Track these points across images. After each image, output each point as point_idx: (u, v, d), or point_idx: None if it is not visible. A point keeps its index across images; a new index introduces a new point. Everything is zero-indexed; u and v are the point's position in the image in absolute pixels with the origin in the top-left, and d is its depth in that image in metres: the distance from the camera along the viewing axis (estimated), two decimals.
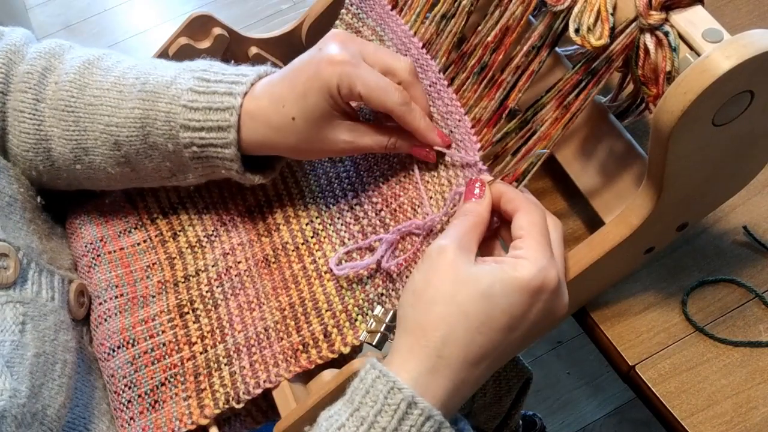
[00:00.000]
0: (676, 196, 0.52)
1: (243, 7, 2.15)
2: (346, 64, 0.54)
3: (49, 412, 0.50)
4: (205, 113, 0.56)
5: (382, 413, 0.44)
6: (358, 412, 0.45)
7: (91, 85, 0.60)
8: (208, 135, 0.57)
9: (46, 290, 0.57)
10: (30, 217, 0.62)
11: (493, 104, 0.57)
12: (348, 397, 0.47)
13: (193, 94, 0.57)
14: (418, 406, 0.44)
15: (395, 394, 0.44)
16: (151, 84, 0.58)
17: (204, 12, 0.74)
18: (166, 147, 0.58)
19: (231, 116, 0.56)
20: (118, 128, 0.59)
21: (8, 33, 0.65)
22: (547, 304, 0.48)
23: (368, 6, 0.67)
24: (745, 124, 0.48)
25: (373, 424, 0.44)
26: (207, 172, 0.60)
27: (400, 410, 0.44)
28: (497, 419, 0.89)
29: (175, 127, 0.57)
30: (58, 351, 0.53)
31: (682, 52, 0.47)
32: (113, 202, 0.68)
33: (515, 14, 0.56)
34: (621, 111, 0.65)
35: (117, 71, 0.61)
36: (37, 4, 2.21)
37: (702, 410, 0.59)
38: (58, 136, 0.61)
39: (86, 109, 0.60)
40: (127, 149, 0.59)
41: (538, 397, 1.43)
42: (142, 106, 0.58)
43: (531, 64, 0.55)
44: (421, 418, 0.44)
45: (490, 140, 0.56)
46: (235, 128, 0.56)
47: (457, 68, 0.60)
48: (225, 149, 0.57)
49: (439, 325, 0.47)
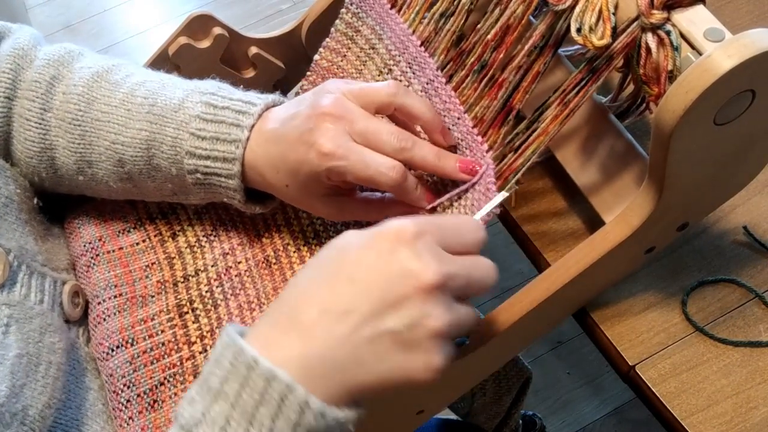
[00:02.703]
0: (677, 195, 0.52)
1: (243, 6, 2.15)
2: (333, 158, 0.53)
3: (30, 412, 0.50)
4: (212, 143, 0.57)
5: (228, 381, 0.41)
6: (206, 383, 0.42)
7: (99, 100, 0.60)
8: (213, 164, 0.57)
9: (35, 293, 0.57)
10: (26, 218, 0.62)
11: (496, 104, 0.56)
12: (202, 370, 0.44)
13: (202, 122, 0.57)
14: (259, 367, 0.41)
15: (239, 358, 0.41)
16: (160, 106, 0.58)
17: (204, 12, 0.73)
18: (170, 171, 0.59)
19: (237, 149, 0.56)
20: (124, 147, 0.59)
21: (16, 32, 0.64)
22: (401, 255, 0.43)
23: (368, 5, 0.67)
24: (746, 123, 0.48)
25: (218, 393, 0.42)
26: (208, 197, 0.61)
27: (241, 375, 0.41)
28: (497, 418, 0.89)
29: (180, 152, 0.57)
30: (42, 353, 0.53)
31: (684, 52, 0.47)
32: (112, 202, 0.68)
33: (516, 13, 0.56)
34: (621, 111, 0.65)
35: (126, 87, 0.60)
36: (37, 4, 2.21)
37: (702, 410, 0.59)
38: (63, 146, 0.60)
39: (93, 124, 0.60)
40: (131, 168, 0.60)
41: (538, 397, 1.43)
42: (149, 128, 0.58)
43: (534, 64, 0.55)
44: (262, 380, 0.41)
45: (500, 142, 0.56)
46: (239, 161, 0.56)
47: (455, 66, 0.60)
48: (229, 180, 0.57)
49: (292, 282, 0.45)
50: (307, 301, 0.43)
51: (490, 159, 0.55)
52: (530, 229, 0.68)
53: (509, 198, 0.69)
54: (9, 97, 0.61)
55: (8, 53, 0.61)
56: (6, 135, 0.62)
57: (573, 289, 0.56)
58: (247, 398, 0.41)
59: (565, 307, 0.62)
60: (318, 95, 0.56)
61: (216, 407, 0.41)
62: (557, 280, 0.55)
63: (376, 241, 0.44)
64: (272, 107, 0.58)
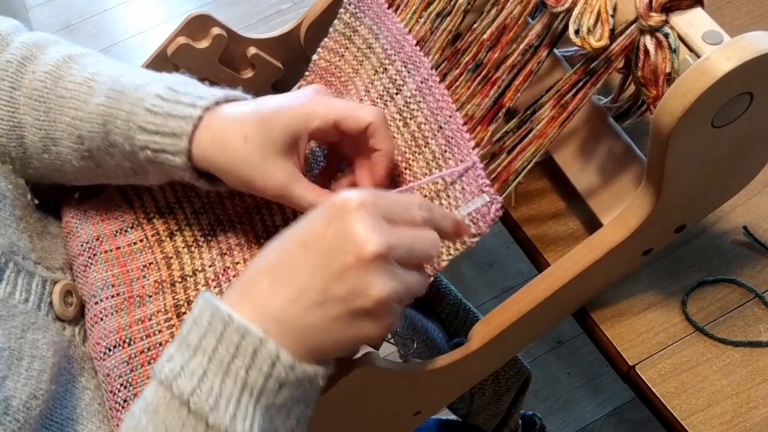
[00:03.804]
0: (674, 197, 0.52)
1: (243, 6, 2.15)
2: (317, 103, 0.56)
3: (14, 402, 0.50)
4: (163, 118, 0.57)
5: (206, 337, 0.44)
6: (185, 341, 0.45)
7: (65, 78, 0.61)
8: (162, 140, 0.57)
9: (20, 292, 0.57)
10: (20, 214, 0.62)
11: (487, 102, 0.57)
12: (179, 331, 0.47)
13: (158, 99, 0.57)
14: (234, 323, 0.43)
15: (216, 317, 0.44)
16: (122, 84, 0.59)
17: (203, 12, 0.73)
18: (124, 147, 0.59)
19: (186, 125, 0.56)
20: (82, 122, 0.59)
21: None
22: (344, 222, 0.45)
23: (366, 5, 0.67)
24: (744, 125, 0.48)
25: (197, 348, 0.44)
26: (164, 176, 0.61)
27: (218, 330, 0.44)
28: (496, 419, 0.89)
29: (133, 128, 0.57)
30: (25, 348, 0.53)
31: (682, 54, 0.47)
32: (110, 201, 0.68)
33: (513, 13, 0.56)
34: (622, 112, 0.65)
35: (93, 69, 0.61)
36: (37, 4, 2.21)
37: (702, 410, 0.59)
38: (30, 124, 0.61)
39: (57, 101, 0.60)
40: (90, 144, 0.60)
41: (538, 397, 1.43)
42: (107, 103, 0.58)
43: (528, 63, 0.55)
44: (237, 334, 0.43)
45: (487, 140, 0.56)
46: (187, 137, 0.56)
47: (450, 64, 0.60)
48: (176, 157, 0.57)
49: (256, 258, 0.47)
50: (264, 268, 0.46)
51: (476, 156, 0.55)
52: (530, 230, 0.68)
53: (509, 198, 0.70)
54: None
55: None
56: None
57: (571, 290, 0.56)
58: (223, 352, 0.43)
59: (564, 308, 0.62)
60: None
61: (194, 361, 0.43)
62: (555, 281, 0.55)
63: (323, 212, 0.46)
64: (234, 100, 0.59)
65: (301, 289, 0.44)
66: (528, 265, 0.70)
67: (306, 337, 0.44)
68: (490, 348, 0.57)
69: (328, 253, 0.44)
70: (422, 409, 0.63)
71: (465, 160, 0.56)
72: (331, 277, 0.44)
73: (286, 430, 0.46)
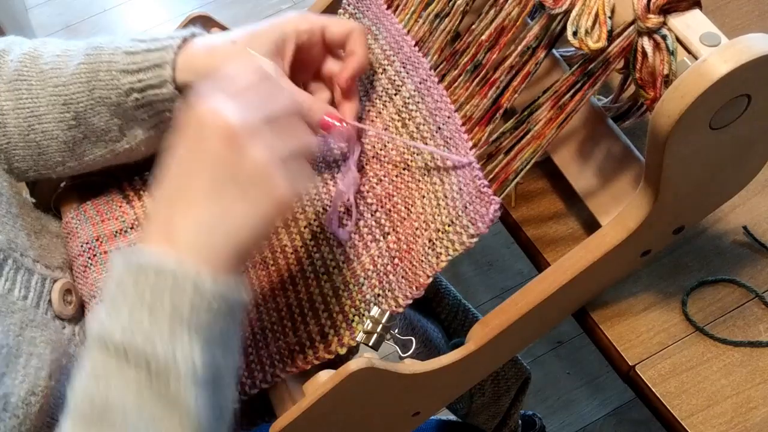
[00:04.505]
0: (672, 199, 0.52)
1: (243, 7, 2.15)
2: (308, 15, 0.60)
3: (12, 399, 0.50)
4: (144, 55, 0.58)
5: (122, 283, 0.43)
6: (109, 300, 0.44)
7: (42, 56, 0.62)
8: (145, 76, 0.58)
9: (19, 289, 0.57)
10: (17, 212, 0.62)
11: (486, 102, 0.57)
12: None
13: (135, 42, 0.59)
14: (145, 259, 0.43)
15: (128, 266, 0.43)
16: (98, 42, 0.61)
17: (202, 12, 0.74)
18: (110, 98, 0.59)
19: (167, 54, 0.57)
20: (65, 86, 0.60)
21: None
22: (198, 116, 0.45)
23: (365, 6, 0.67)
24: (741, 127, 0.48)
25: (115, 297, 0.43)
26: (154, 122, 0.61)
27: (133, 274, 0.43)
28: (496, 419, 0.89)
29: (115, 75, 0.58)
30: (22, 345, 0.54)
31: (680, 56, 0.47)
32: (110, 201, 0.68)
33: (511, 15, 0.56)
34: (622, 113, 0.65)
35: (71, 43, 0.63)
36: (37, 4, 2.21)
37: (702, 410, 0.59)
38: (12, 108, 0.62)
39: (37, 77, 0.62)
40: (75, 107, 0.61)
41: (538, 397, 1.43)
42: (86, 60, 0.60)
43: (526, 64, 0.55)
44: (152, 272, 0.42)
45: (485, 140, 0.56)
46: (170, 65, 0.57)
47: (448, 65, 0.60)
48: (162, 89, 0.58)
49: None
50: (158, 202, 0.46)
51: (473, 156, 0.55)
52: (530, 230, 0.68)
53: (509, 199, 0.70)
54: None
55: None
56: None
57: (570, 290, 0.56)
58: (145, 293, 0.42)
59: (563, 308, 0.62)
60: None
61: (122, 310, 0.42)
62: (554, 282, 0.55)
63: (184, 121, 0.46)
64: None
65: (193, 198, 0.44)
66: (528, 265, 0.70)
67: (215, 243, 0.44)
68: (489, 348, 0.57)
69: (194, 151, 0.45)
70: (421, 410, 0.63)
71: (461, 159, 0.56)
72: (207, 167, 0.44)
73: (228, 368, 0.45)
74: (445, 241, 0.55)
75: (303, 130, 0.48)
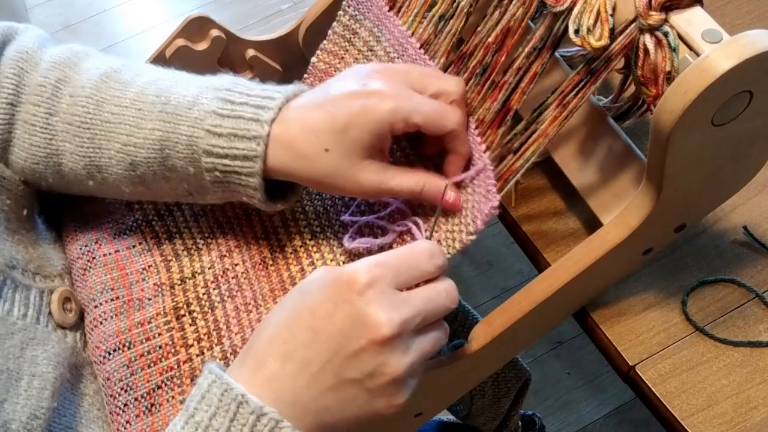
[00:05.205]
0: (675, 196, 0.52)
1: (243, 6, 2.15)
2: (398, 98, 0.53)
3: (13, 426, 0.50)
4: (229, 140, 0.54)
5: (216, 416, 0.43)
6: (193, 418, 0.44)
7: (108, 101, 0.58)
8: (232, 163, 0.54)
9: (18, 308, 0.56)
10: (14, 227, 0.61)
11: (496, 106, 0.56)
12: (185, 405, 0.46)
13: (217, 117, 0.54)
14: (249, 404, 0.43)
15: (227, 395, 0.43)
16: (173, 104, 0.56)
17: (201, 14, 0.73)
18: (187, 170, 0.56)
19: (258, 146, 0.54)
20: (136, 149, 0.57)
21: (22, 34, 0.62)
22: (353, 306, 0.44)
23: (365, 7, 0.66)
24: (744, 124, 0.48)
25: (207, 427, 0.43)
26: (227, 195, 0.58)
27: (231, 410, 0.43)
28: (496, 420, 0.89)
29: (197, 151, 0.55)
30: (23, 367, 0.53)
31: (682, 53, 0.47)
32: (109, 204, 0.68)
33: (516, 16, 0.56)
34: (622, 112, 0.65)
35: (136, 87, 0.58)
36: (37, 4, 2.21)
37: (702, 410, 0.58)
38: (70, 152, 0.59)
39: (103, 126, 0.57)
40: (144, 170, 0.57)
41: (538, 397, 1.43)
42: (162, 127, 0.55)
43: (533, 65, 0.55)
44: (252, 416, 0.43)
45: (497, 142, 0.56)
46: (261, 158, 0.54)
47: (457, 68, 0.59)
48: (250, 178, 0.55)
49: (263, 323, 0.47)
50: (272, 348, 0.45)
51: (488, 159, 0.55)
52: (530, 229, 0.68)
53: (509, 198, 0.69)
54: (12, 103, 0.59)
55: (12, 57, 0.60)
56: (5, 143, 0.60)
57: (571, 290, 0.56)
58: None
59: (564, 308, 0.62)
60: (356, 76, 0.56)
61: None
62: (556, 281, 0.55)
63: (331, 290, 0.45)
64: (293, 98, 0.56)
65: (314, 375, 0.44)
66: (528, 265, 0.70)
67: (321, 420, 0.44)
68: (490, 349, 0.57)
69: (338, 339, 0.44)
70: (424, 411, 0.63)
71: (476, 164, 0.56)
72: (343, 362, 0.44)
73: None
74: (442, 240, 0.55)
75: (439, 337, 0.48)
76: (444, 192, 0.54)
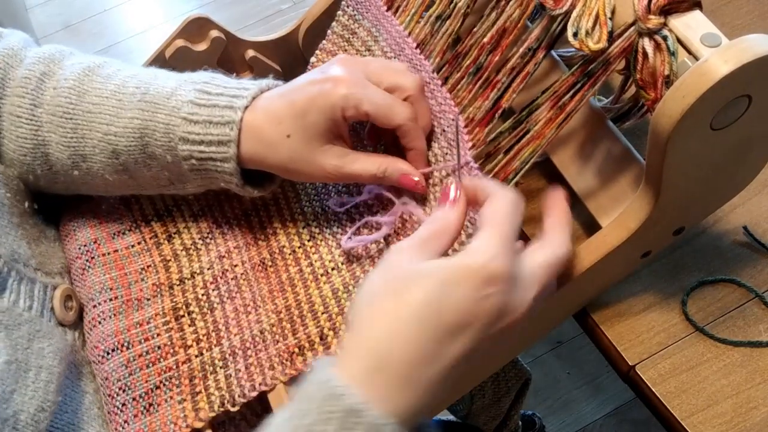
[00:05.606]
0: (673, 199, 0.52)
1: (243, 6, 2.15)
2: (352, 85, 0.55)
3: (22, 417, 0.50)
4: (204, 126, 0.56)
5: (324, 422, 0.41)
6: (301, 420, 0.42)
7: (90, 93, 0.60)
8: (207, 149, 0.57)
9: (24, 299, 0.57)
10: (18, 221, 0.62)
11: (487, 104, 0.57)
12: (295, 399, 0.44)
13: (194, 106, 0.57)
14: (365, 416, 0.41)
15: (337, 404, 0.41)
16: (152, 94, 0.58)
17: (201, 14, 0.74)
18: (165, 158, 0.58)
19: (231, 131, 0.56)
20: (117, 137, 0.59)
21: (7, 36, 0.64)
22: (502, 296, 0.44)
23: (364, 7, 0.67)
24: (742, 128, 0.48)
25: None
26: (206, 183, 0.61)
27: (339, 419, 0.41)
28: (496, 420, 0.89)
29: (174, 139, 0.57)
30: (31, 358, 0.53)
31: (681, 57, 0.47)
32: (108, 204, 0.68)
33: (512, 17, 0.56)
34: (623, 113, 0.65)
35: (117, 79, 0.60)
36: (37, 4, 2.21)
37: (702, 410, 0.59)
38: (56, 141, 0.60)
39: (85, 117, 0.59)
40: (126, 158, 0.59)
41: (538, 397, 1.43)
42: (141, 116, 0.58)
43: (527, 65, 0.55)
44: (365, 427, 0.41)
45: (482, 139, 0.56)
46: (235, 143, 0.56)
47: (451, 68, 0.60)
48: (225, 163, 0.57)
49: (383, 319, 0.44)
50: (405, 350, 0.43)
51: (470, 156, 0.55)
52: (529, 230, 0.68)
53: None
54: None
55: None
56: None
57: (570, 292, 0.56)
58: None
59: (562, 309, 0.62)
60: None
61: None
62: None
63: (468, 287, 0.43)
64: (266, 90, 0.59)
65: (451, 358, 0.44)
66: None
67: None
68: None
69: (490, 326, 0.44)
70: None
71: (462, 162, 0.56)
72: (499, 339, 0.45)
73: None
74: None
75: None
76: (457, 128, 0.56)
